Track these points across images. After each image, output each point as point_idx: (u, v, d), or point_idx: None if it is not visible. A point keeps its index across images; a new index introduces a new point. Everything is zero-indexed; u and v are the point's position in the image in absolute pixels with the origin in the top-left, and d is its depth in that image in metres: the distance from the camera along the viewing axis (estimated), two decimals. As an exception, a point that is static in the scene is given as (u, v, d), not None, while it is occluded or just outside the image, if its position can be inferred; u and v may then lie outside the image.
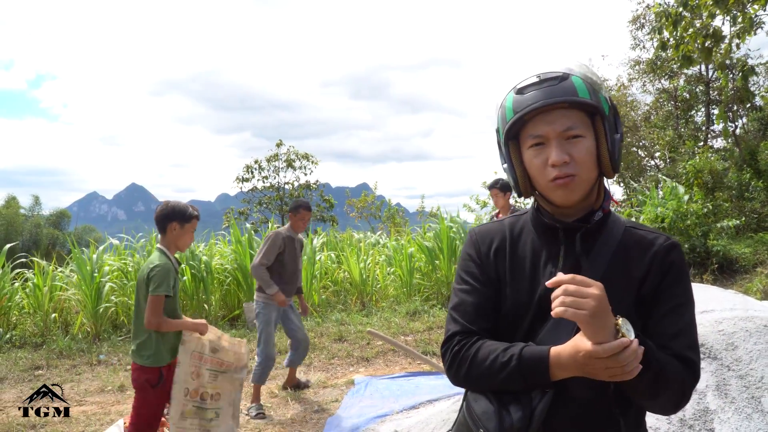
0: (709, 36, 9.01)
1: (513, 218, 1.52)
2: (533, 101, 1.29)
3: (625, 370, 1.12)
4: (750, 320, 3.25)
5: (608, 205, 1.40)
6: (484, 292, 1.42)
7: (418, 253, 11.18)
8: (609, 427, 1.32)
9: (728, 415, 2.77)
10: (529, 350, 1.28)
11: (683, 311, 1.33)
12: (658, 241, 1.38)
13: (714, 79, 18.72)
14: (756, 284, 8.52)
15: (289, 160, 25.48)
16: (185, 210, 3.69)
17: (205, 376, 3.73)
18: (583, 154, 1.30)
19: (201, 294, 9.40)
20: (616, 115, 1.36)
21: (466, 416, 1.34)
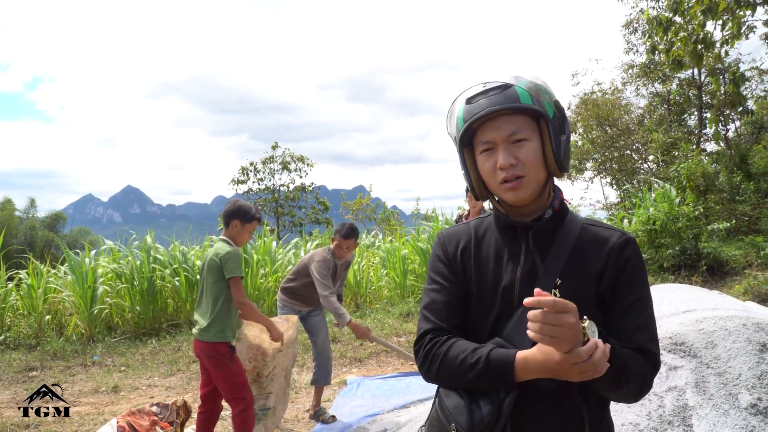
0: (699, 41, 9.12)
1: (478, 220, 1.60)
2: (480, 109, 1.38)
3: (597, 369, 1.20)
4: (729, 319, 3.32)
5: (557, 203, 1.47)
6: (454, 291, 1.50)
7: (412, 255, 11.25)
8: (573, 416, 1.39)
9: (706, 411, 2.84)
10: (496, 354, 1.34)
11: (643, 306, 1.40)
12: (613, 238, 1.45)
13: (706, 83, 18.82)
14: (743, 286, 8.61)
15: (285, 162, 25.51)
16: (249, 211, 4.01)
17: (259, 362, 4.28)
18: (528, 156, 1.38)
19: (195, 296, 9.44)
20: (562, 118, 1.44)
21: (438, 411, 1.40)
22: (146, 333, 8.75)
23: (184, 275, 9.34)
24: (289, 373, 4.51)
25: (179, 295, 9.39)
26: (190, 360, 7.47)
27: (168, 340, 8.39)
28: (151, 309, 9.01)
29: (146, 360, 7.58)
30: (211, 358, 3.85)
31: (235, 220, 3.97)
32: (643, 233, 10.68)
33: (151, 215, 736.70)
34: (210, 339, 3.83)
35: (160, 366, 7.30)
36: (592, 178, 22.23)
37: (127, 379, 6.80)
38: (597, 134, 20.77)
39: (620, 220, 12.26)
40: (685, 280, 9.67)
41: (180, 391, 6.33)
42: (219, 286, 3.85)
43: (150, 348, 8.08)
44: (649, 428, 2.84)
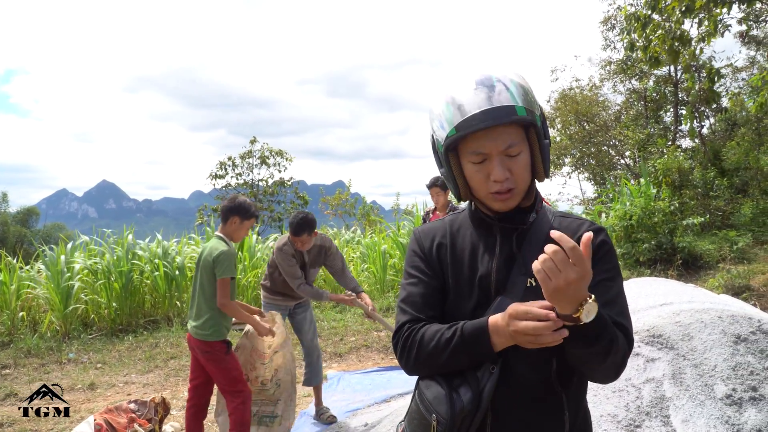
0: (676, 38, 9.23)
1: (453, 216, 1.62)
2: (476, 122, 1.33)
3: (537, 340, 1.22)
4: (705, 312, 3.38)
5: (540, 208, 1.51)
6: (431, 284, 1.51)
7: (392, 250, 11.27)
8: (552, 403, 1.41)
9: (683, 402, 2.89)
10: (469, 323, 1.37)
11: (611, 284, 1.41)
12: (584, 227, 1.48)
13: (682, 80, 19.09)
14: (718, 279, 8.76)
15: (263, 157, 25.36)
16: (249, 208, 3.98)
17: (260, 369, 4.24)
18: (521, 168, 1.39)
19: (173, 292, 9.35)
20: (544, 122, 1.44)
21: (418, 403, 1.39)
22: (123, 329, 8.65)
23: (164, 270, 9.25)
24: (294, 377, 4.44)
25: (158, 291, 9.30)
26: (168, 356, 7.40)
27: (145, 337, 8.30)
28: (128, 305, 8.91)
29: (123, 357, 7.49)
30: (206, 354, 3.87)
31: (235, 217, 3.93)
32: (620, 228, 10.82)
33: (127, 210, 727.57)
34: (206, 338, 3.84)
35: (138, 363, 7.23)
36: (570, 173, 22.48)
37: (104, 377, 6.71)
38: (575, 130, 20.97)
39: (597, 214, 12.39)
40: (661, 273, 9.81)
41: (158, 388, 6.27)
42: (213, 284, 3.84)
43: (127, 344, 7.99)
44: (627, 419, 2.88)
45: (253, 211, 4.00)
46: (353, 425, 4.80)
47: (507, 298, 1.40)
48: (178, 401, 5.72)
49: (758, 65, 18.02)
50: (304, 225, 4.63)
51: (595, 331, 1.23)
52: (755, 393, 2.86)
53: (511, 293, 1.41)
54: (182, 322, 8.80)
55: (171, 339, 8.12)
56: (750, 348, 3.10)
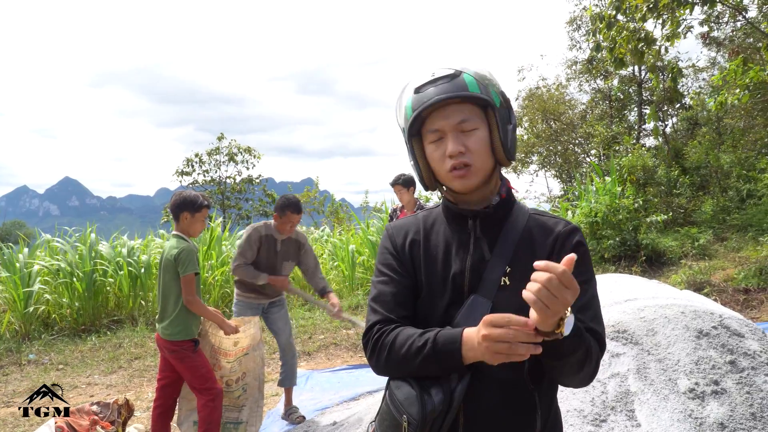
0: (640, 39, 9.39)
1: (426, 212, 1.60)
2: (428, 98, 1.38)
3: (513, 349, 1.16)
4: (669, 308, 3.44)
5: (504, 191, 1.49)
6: (402, 282, 1.49)
7: (361, 248, 11.24)
8: (525, 403, 1.40)
9: (647, 397, 2.93)
10: (443, 333, 1.33)
11: (587, 287, 1.40)
12: (559, 226, 1.47)
13: (646, 80, 19.47)
14: (680, 275, 8.95)
15: (231, 154, 25.09)
16: (196, 200, 3.91)
17: (225, 368, 4.13)
18: (477, 144, 1.39)
19: (138, 291, 9.18)
20: (508, 108, 1.45)
21: (389, 404, 1.37)
22: (86, 330, 8.47)
23: (128, 269, 9.07)
24: (262, 383, 4.38)
25: (122, 290, 9.12)
26: (132, 357, 7.27)
27: (109, 337, 8.13)
28: (91, 305, 8.72)
29: (86, 357, 7.33)
30: (173, 353, 3.83)
31: (185, 212, 3.88)
32: (586, 225, 10.97)
33: (91, 208, 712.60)
34: (173, 337, 3.81)
35: (101, 363, 7.07)
36: (537, 171, 22.75)
37: (66, 378, 6.55)
38: (542, 128, 21.22)
39: (564, 212, 12.56)
40: (625, 270, 9.98)
41: (121, 389, 6.15)
42: (176, 284, 3.80)
43: (90, 345, 7.81)
44: (593, 414, 2.91)
45: (200, 201, 3.92)
46: (322, 424, 4.77)
47: (480, 296, 1.39)
48: (143, 402, 5.62)
49: (718, 66, 18.46)
50: (297, 204, 4.65)
51: (571, 344, 1.22)
52: (717, 387, 2.91)
53: (484, 292, 1.40)
54: (147, 322, 8.65)
55: (135, 339, 7.97)
56: (712, 342, 3.16)
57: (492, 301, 1.38)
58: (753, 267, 8.58)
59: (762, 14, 12.46)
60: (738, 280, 8.38)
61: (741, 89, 10.06)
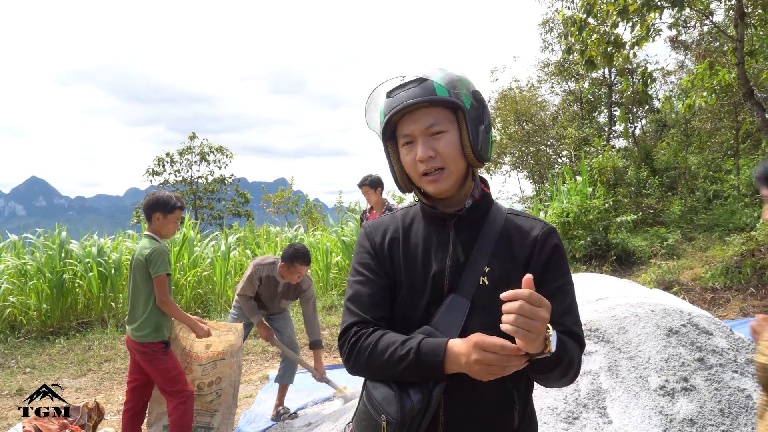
0: (610, 42, 9.54)
1: (404, 210, 1.61)
2: (398, 103, 1.40)
3: (506, 371, 1.22)
4: (639, 306, 3.50)
5: (477, 193, 1.50)
6: (379, 283, 1.48)
7: (336, 248, 11.21)
8: (503, 400, 1.42)
9: (619, 394, 2.98)
10: (426, 344, 1.33)
11: (567, 289, 1.45)
12: (537, 227, 1.49)
13: (616, 83, 19.79)
14: (650, 274, 9.11)
15: (203, 153, 24.82)
16: (168, 201, 3.86)
17: (197, 371, 4.07)
18: (447, 147, 1.41)
19: (108, 292, 9.02)
20: (482, 108, 1.46)
21: (367, 404, 1.37)
22: (54, 332, 8.29)
23: (98, 270, 8.91)
24: (237, 389, 4.33)
25: (91, 291, 8.95)
26: (102, 359, 7.14)
27: (78, 339, 7.98)
28: (59, 306, 8.54)
29: (54, 360, 7.18)
30: (143, 354, 3.78)
31: (157, 213, 3.84)
32: (558, 225, 11.10)
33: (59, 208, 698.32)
34: (143, 339, 3.76)
35: (69, 366, 6.94)
36: (510, 171, 22.96)
37: (33, 381, 6.41)
38: (514, 129, 21.41)
39: (536, 212, 12.70)
40: (596, 269, 10.12)
41: (91, 392, 6.04)
42: (147, 285, 3.75)
43: (58, 348, 7.66)
44: (566, 411, 2.95)
45: (173, 203, 3.88)
46: (296, 425, 4.75)
47: (459, 295, 1.40)
48: (113, 406, 5.53)
49: (686, 69, 18.84)
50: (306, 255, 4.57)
51: (557, 357, 1.26)
52: (686, 384, 2.97)
53: (462, 291, 1.41)
54: (117, 324, 8.51)
55: (105, 341, 7.84)
56: (681, 340, 3.22)
57: (470, 301, 1.40)
58: (719, 266, 8.77)
59: (728, 18, 12.76)
60: (705, 279, 8.56)
61: (708, 92, 10.28)
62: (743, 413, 2.84)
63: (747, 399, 2.92)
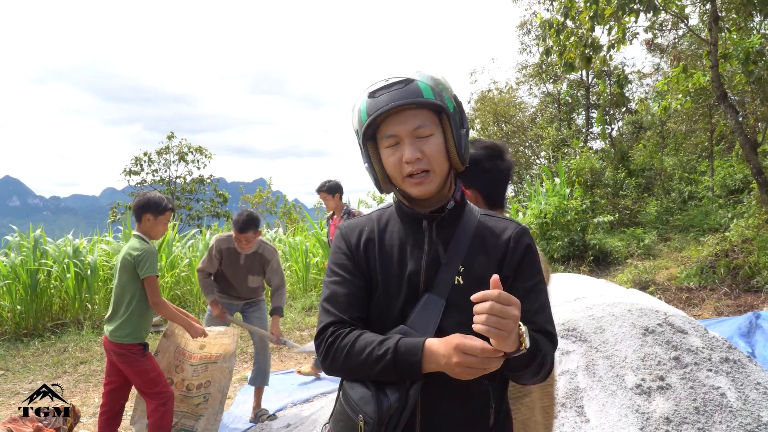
0: (588, 45, 9.66)
1: (379, 211, 1.62)
2: (384, 104, 1.39)
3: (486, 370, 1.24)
4: (616, 306, 3.54)
5: (459, 195, 1.52)
6: (355, 283, 1.49)
7: (315, 249, 11.19)
8: (480, 398, 1.44)
9: (596, 393, 3.02)
10: (404, 343, 1.34)
11: (540, 288, 1.48)
12: (509, 227, 1.52)
13: (593, 85, 20.02)
14: (626, 274, 9.23)
15: (181, 153, 24.59)
16: (160, 202, 3.83)
17: (188, 371, 4.04)
18: (433, 150, 1.41)
19: (84, 293, 8.89)
20: (461, 112, 1.48)
21: (344, 404, 1.38)
22: (29, 334, 8.15)
23: (75, 271, 8.78)
24: (225, 395, 4.28)
25: (67, 292, 8.82)
26: (78, 361, 7.04)
27: (53, 341, 7.86)
28: (34, 307, 8.40)
29: (28, 363, 7.06)
30: (121, 356, 3.72)
31: (148, 214, 3.80)
32: (536, 226, 11.20)
33: (33, 208, 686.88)
34: (121, 340, 3.70)
35: (45, 369, 6.83)
36: (489, 172, 23.08)
37: (7, 384, 6.30)
38: (494, 130, 21.56)
39: (515, 212, 12.79)
40: (574, 269, 10.23)
41: (67, 395, 5.95)
42: (133, 285, 3.70)
43: (32, 350, 7.53)
44: (544, 411, 2.98)
45: (165, 204, 3.86)
46: (275, 426, 4.73)
47: (434, 295, 1.42)
48: (89, 408, 5.45)
49: (662, 72, 19.12)
50: (250, 222, 4.55)
51: (530, 353, 1.28)
52: (662, 382, 3.02)
53: (438, 291, 1.42)
54: (93, 326, 8.39)
55: (81, 343, 7.73)
56: (657, 339, 3.27)
57: (446, 300, 1.41)
58: (694, 266, 8.92)
59: (702, 22, 12.97)
60: (680, 279, 8.69)
61: (683, 95, 10.45)
62: (718, 411, 2.89)
63: (721, 397, 2.97)
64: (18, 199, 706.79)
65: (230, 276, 4.80)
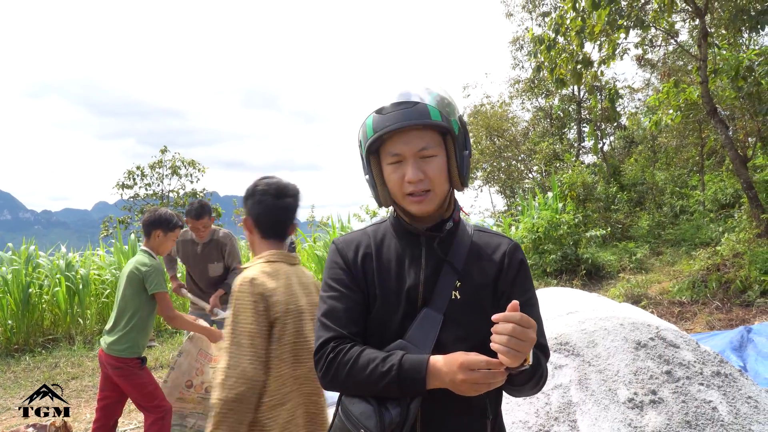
0: (579, 61, 9.76)
1: (374, 226, 1.63)
2: (391, 122, 1.40)
3: (491, 386, 1.28)
4: (608, 320, 3.56)
5: (458, 216, 1.55)
6: (353, 298, 1.50)
7: (308, 262, 11.18)
8: (477, 409, 1.46)
9: (588, 407, 3.02)
10: (408, 360, 1.35)
11: (533, 302, 1.52)
12: (503, 243, 1.55)
13: (585, 99, 20.20)
14: (618, 288, 9.26)
15: (174, 167, 24.54)
16: (170, 219, 3.89)
17: (209, 373, 4.03)
18: (435, 171, 1.43)
19: (76, 307, 8.84)
20: (465, 134, 1.49)
21: (344, 419, 1.39)
22: (19, 349, 8.09)
23: (66, 285, 8.72)
24: None
25: (59, 307, 8.76)
26: (69, 377, 6.99)
27: (44, 356, 7.80)
28: (25, 323, 8.34)
29: (19, 378, 7.01)
30: (118, 369, 3.70)
31: (158, 230, 3.85)
32: (528, 240, 11.24)
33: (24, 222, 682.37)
34: (119, 354, 3.67)
35: (36, 384, 6.77)
36: (481, 186, 23.19)
37: (-3, 400, 6.25)
38: (486, 144, 21.66)
39: (507, 226, 12.83)
40: (567, 283, 10.25)
41: (58, 411, 5.90)
42: (137, 299, 3.71)
43: (23, 365, 7.47)
44: (537, 425, 2.98)
45: (175, 221, 3.91)
46: None
47: (432, 310, 1.43)
48: (80, 424, 5.41)
49: (653, 87, 19.31)
50: (204, 208, 4.73)
51: (532, 368, 1.33)
52: (655, 396, 3.03)
53: (435, 305, 1.44)
54: (85, 341, 8.34)
55: (72, 358, 7.67)
56: (649, 353, 3.29)
57: (443, 315, 1.43)
58: (686, 280, 8.96)
59: (692, 38, 13.13)
60: (673, 293, 8.72)
61: (674, 110, 10.55)
62: (709, 425, 2.91)
63: (713, 411, 2.98)
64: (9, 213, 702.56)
65: (191, 269, 4.94)
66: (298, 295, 2.14)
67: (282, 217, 2.25)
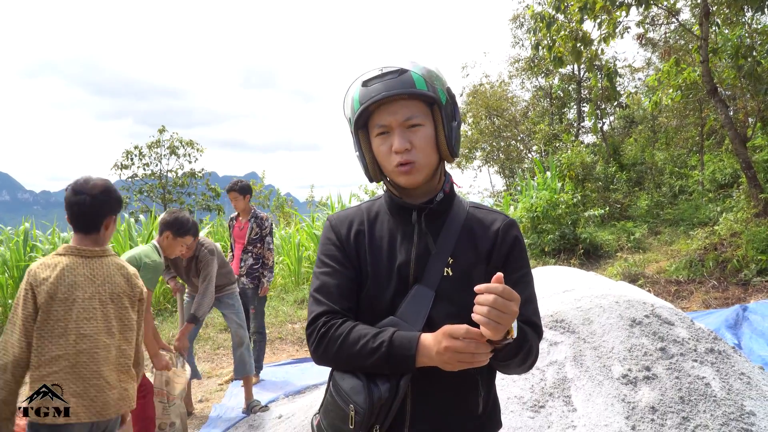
0: (578, 39, 9.69)
1: (369, 203, 1.63)
2: (376, 93, 1.40)
3: (475, 359, 1.25)
4: (604, 297, 3.58)
5: (448, 187, 1.53)
6: (346, 274, 1.50)
7: (307, 242, 11.20)
8: (468, 386, 1.46)
9: (583, 383, 3.05)
10: (398, 337, 1.35)
11: (527, 280, 1.50)
12: (498, 219, 1.54)
13: (585, 79, 20.08)
14: (616, 267, 9.30)
15: (173, 147, 24.47)
16: (183, 225, 3.93)
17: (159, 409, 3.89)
18: (422, 141, 1.42)
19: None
20: (454, 104, 1.49)
21: (334, 395, 1.39)
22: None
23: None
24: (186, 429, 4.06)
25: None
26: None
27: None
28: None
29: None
30: None
31: (168, 231, 3.89)
32: (527, 219, 11.25)
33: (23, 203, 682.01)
34: None
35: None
36: (481, 166, 23.16)
37: None
38: (485, 124, 21.59)
39: (506, 206, 12.84)
40: (565, 262, 10.28)
41: (58, 388, 5.95)
42: None
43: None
44: (532, 400, 3.01)
45: (187, 228, 3.92)
46: (267, 417, 4.75)
47: (423, 286, 1.43)
48: (81, 401, 5.46)
49: (654, 66, 19.18)
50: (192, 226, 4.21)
51: (518, 344, 1.32)
52: (648, 372, 3.06)
53: (427, 282, 1.44)
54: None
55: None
56: (644, 330, 3.31)
57: (435, 291, 1.43)
58: (683, 260, 8.99)
59: (693, 17, 13.02)
60: (670, 272, 8.76)
61: (674, 89, 10.50)
62: (702, 400, 2.93)
63: (706, 387, 3.01)
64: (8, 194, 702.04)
65: (180, 275, 4.88)
66: (76, 285, 2.39)
67: (76, 211, 2.52)
